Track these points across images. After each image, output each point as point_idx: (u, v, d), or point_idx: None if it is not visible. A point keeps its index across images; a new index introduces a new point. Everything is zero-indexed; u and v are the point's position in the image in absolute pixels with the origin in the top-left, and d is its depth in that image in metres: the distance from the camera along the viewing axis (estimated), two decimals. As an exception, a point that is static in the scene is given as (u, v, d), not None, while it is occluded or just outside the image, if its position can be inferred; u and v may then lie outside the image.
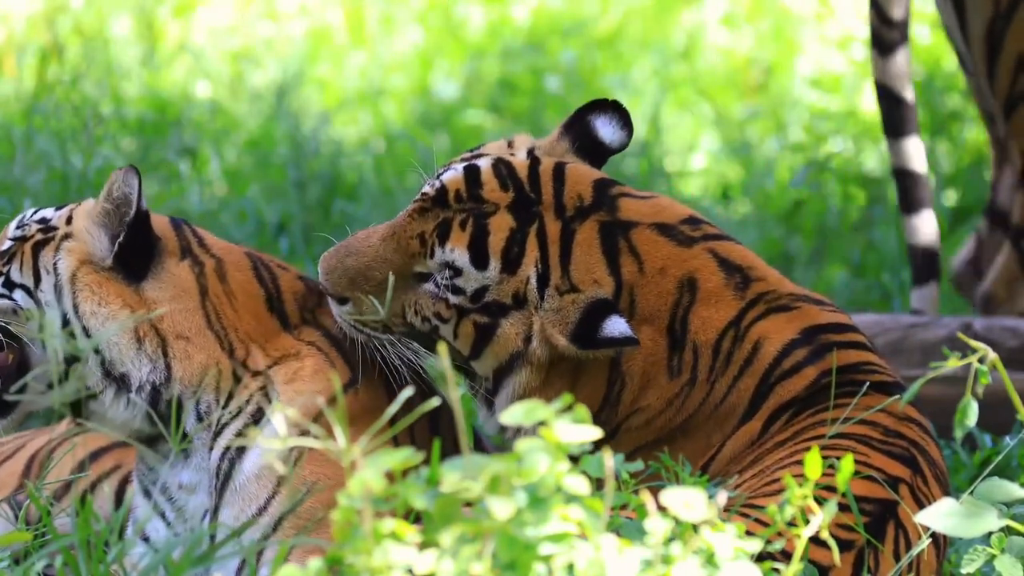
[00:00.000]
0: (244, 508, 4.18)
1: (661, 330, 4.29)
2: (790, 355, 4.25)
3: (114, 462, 4.68)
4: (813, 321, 4.30)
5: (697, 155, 10.51)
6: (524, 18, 12.71)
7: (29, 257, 4.27)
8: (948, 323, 6.00)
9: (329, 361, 4.27)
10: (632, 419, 4.28)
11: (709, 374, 4.27)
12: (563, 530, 2.93)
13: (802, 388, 4.21)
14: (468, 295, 4.27)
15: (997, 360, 3.42)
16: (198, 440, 4.25)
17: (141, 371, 4.21)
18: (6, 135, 8.33)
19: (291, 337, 4.31)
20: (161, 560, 3.61)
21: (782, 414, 4.21)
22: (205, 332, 4.25)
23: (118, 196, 4.23)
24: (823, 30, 10.62)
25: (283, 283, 4.37)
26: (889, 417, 4.15)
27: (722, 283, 4.32)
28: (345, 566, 2.96)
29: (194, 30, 11.96)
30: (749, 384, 4.24)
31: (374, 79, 11.84)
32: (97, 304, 4.21)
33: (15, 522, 4.54)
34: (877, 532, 3.92)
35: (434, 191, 4.33)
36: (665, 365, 4.28)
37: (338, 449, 3.05)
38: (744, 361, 4.25)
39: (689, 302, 4.30)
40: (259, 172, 9.18)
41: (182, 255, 4.30)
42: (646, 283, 4.30)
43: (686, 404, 4.26)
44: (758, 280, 4.34)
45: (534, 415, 3.00)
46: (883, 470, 4.01)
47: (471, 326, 4.28)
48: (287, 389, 4.22)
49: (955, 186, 9.72)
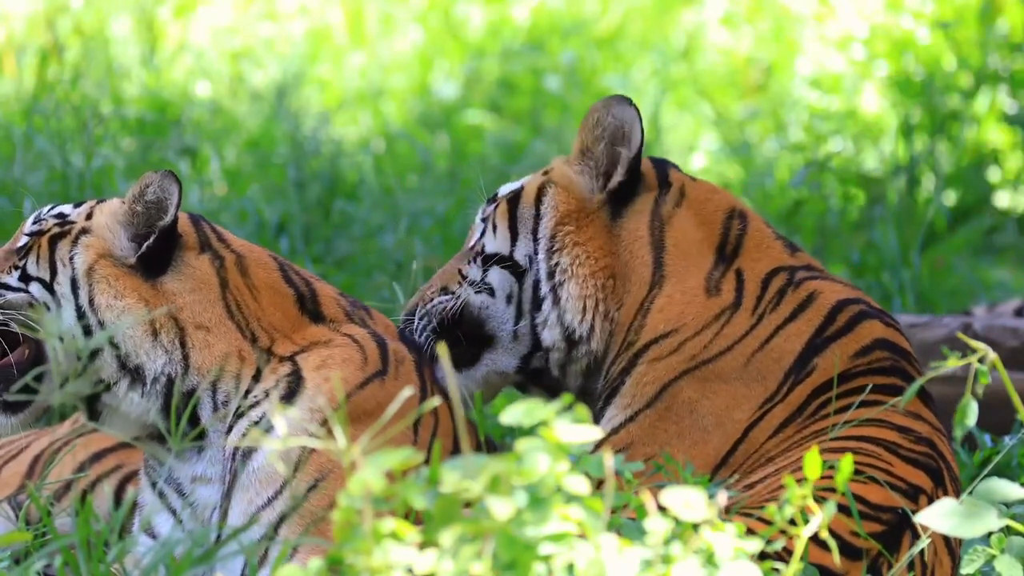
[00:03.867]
0: (260, 492, 4.17)
1: (711, 245, 4.25)
2: (845, 309, 4.17)
3: (115, 462, 4.68)
4: (866, 298, 4.24)
5: (697, 155, 10.51)
6: (524, 18, 12.71)
7: (46, 250, 4.29)
8: (948, 323, 6.00)
9: (363, 352, 4.27)
10: (663, 342, 4.17)
11: (756, 304, 4.16)
12: (563, 530, 2.93)
13: (855, 352, 4.12)
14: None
15: (997, 360, 3.42)
16: (214, 433, 4.24)
17: (156, 363, 4.23)
18: (6, 135, 8.33)
19: (324, 328, 4.31)
20: (163, 558, 3.61)
21: (829, 389, 4.09)
22: (226, 322, 4.27)
23: (152, 200, 4.24)
24: (823, 30, 10.61)
25: (319, 289, 4.37)
26: (924, 425, 4.09)
27: (770, 233, 4.29)
28: (345, 566, 2.96)
29: (194, 30, 11.95)
30: (802, 330, 4.14)
31: (374, 79, 11.84)
32: (113, 297, 4.23)
33: (17, 522, 4.54)
34: (893, 541, 3.87)
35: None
36: (704, 278, 4.21)
37: (338, 448, 3.05)
38: (798, 305, 4.16)
39: (740, 231, 4.26)
40: (259, 172, 9.18)
41: (201, 249, 4.32)
42: (695, 189, 4.32)
43: (726, 331, 4.13)
44: (803, 253, 4.31)
45: (534, 415, 3.00)
46: (905, 479, 3.95)
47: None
48: (314, 375, 4.22)
49: (955, 186, 9.72)
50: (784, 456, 4.01)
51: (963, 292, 8.20)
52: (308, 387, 4.20)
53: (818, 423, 4.06)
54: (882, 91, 10.02)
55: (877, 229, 8.29)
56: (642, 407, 4.13)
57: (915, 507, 3.91)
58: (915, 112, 9.71)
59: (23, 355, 4.25)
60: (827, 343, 4.12)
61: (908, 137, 9.36)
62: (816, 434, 4.03)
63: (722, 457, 4.04)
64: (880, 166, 9.59)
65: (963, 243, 8.95)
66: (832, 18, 10.54)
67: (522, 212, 4.32)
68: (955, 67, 9.92)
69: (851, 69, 10.24)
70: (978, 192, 9.78)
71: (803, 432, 4.05)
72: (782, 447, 4.04)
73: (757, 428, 4.06)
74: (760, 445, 4.06)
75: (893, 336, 4.17)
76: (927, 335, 5.96)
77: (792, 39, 11.80)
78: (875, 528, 3.83)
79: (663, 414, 4.10)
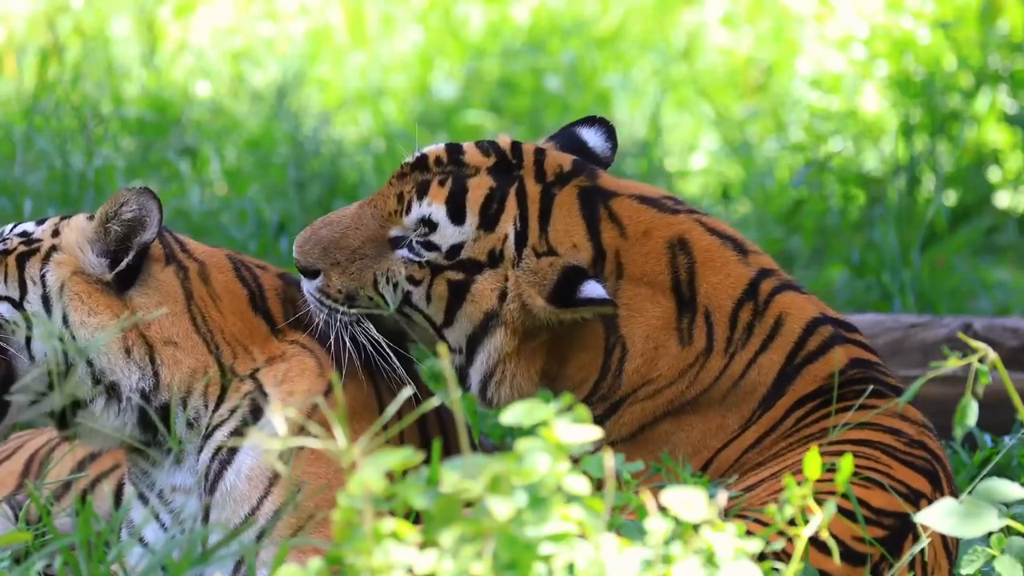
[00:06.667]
0: (236, 510, 4.17)
1: (663, 290, 4.20)
2: (815, 333, 4.16)
3: (113, 461, 4.68)
4: (826, 310, 4.25)
5: (697, 155, 10.50)
6: (524, 18, 12.71)
7: (14, 269, 4.26)
8: (948, 323, 6.00)
9: (315, 358, 4.27)
10: (639, 392, 4.17)
11: (727, 345, 4.16)
12: (563, 530, 2.93)
13: (828, 375, 4.13)
14: (443, 251, 4.22)
15: (997, 360, 3.42)
16: (189, 445, 4.24)
17: (131, 379, 4.21)
18: (6, 135, 8.32)
19: (275, 339, 4.31)
20: (160, 561, 3.60)
21: (808, 402, 4.11)
22: (192, 336, 4.25)
23: (130, 218, 4.22)
24: (823, 30, 10.60)
25: (264, 281, 4.37)
26: (912, 426, 4.10)
27: (717, 244, 4.24)
28: (345, 566, 2.96)
29: (194, 30, 11.95)
30: (774, 361, 4.15)
31: (374, 79, 11.84)
32: (87, 314, 4.21)
33: (15, 522, 4.54)
34: (895, 546, 3.86)
35: (414, 159, 4.31)
36: (674, 329, 4.18)
37: (335, 448, 3.05)
38: (767, 336, 4.16)
39: (689, 263, 4.21)
40: (259, 172, 9.18)
41: (167, 261, 4.30)
42: (630, 246, 4.22)
43: (701, 376, 4.15)
44: (755, 253, 4.28)
45: (534, 415, 3.00)
46: (905, 483, 3.94)
47: (444, 285, 4.21)
48: (278, 391, 4.22)
49: (955, 186, 9.72)
50: (768, 465, 4.03)
51: (963, 292, 8.19)
52: (273, 404, 4.20)
53: (799, 432, 4.07)
54: (882, 91, 10.01)
55: (877, 229, 8.29)
56: (618, 440, 4.17)
57: (916, 511, 3.89)
58: (915, 112, 9.70)
59: None
60: (798, 370, 4.15)
61: (908, 137, 9.36)
62: (801, 441, 4.05)
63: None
64: (880, 166, 9.58)
65: (963, 243, 8.94)
66: (832, 18, 10.54)
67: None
68: (955, 67, 9.92)
69: (851, 69, 10.23)
70: (978, 192, 9.78)
71: (782, 444, 4.07)
72: (758, 459, 4.06)
73: (729, 448, 4.10)
74: (735, 460, 4.09)
75: (861, 354, 4.20)
76: (927, 335, 5.96)
77: (792, 39, 11.79)
78: (878, 533, 3.83)
79: (641, 444, 4.14)
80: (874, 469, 3.92)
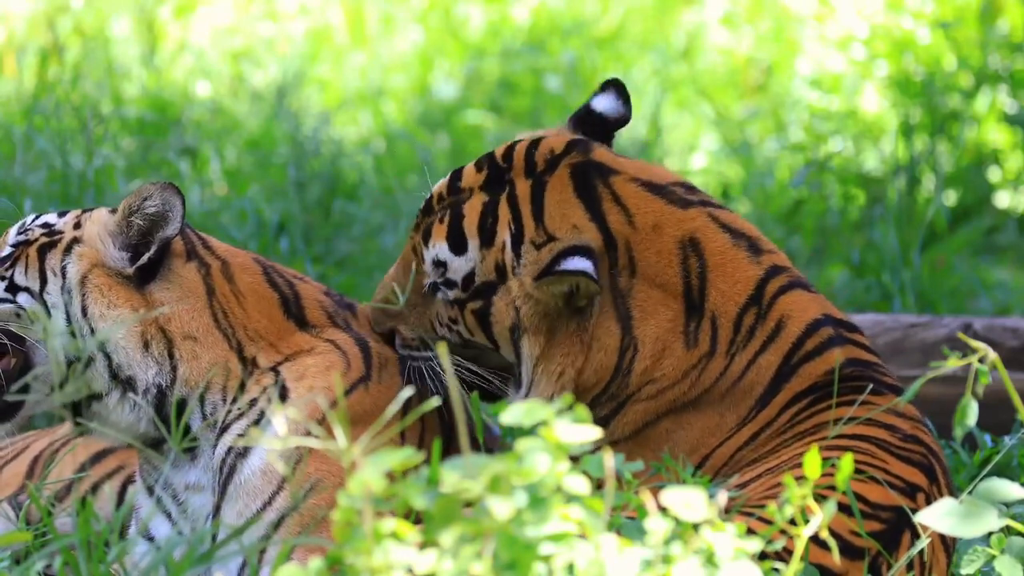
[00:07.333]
0: (248, 504, 4.17)
1: (675, 295, 4.17)
2: (814, 335, 4.17)
3: (117, 463, 4.68)
4: (831, 310, 4.25)
5: (697, 155, 10.51)
6: (524, 18, 12.71)
7: (35, 260, 4.26)
8: (948, 323, 6.00)
9: (346, 359, 4.26)
10: (643, 391, 4.17)
11: (729, 347, 4.16)
12: (563, 530, 2.93)
13: (823, 372, 4.14)
14: (460, 285, 4.23)
15: (997, 360, 3.42)
16: (204, 440, 4.24)
17: (147, 373, 4.21)
18: (6, 135, 8.32)
19: (307, 335, 4.30)
20: (163, 559, 3.60)
21: (803, 399, 4.13)
22: (213, 331, 4.25)
23: (153, 212, 4.22)
24: (823, 30, 10.60)
25: (303, 291, 4.36)
26: (906, 421, 4.11)
27: (729, 244, 4.22)
28: (346, 566, 2.96)
29: (194, 30, 11.95)
30: (772, 362, 4.15)
31: (374, 79, 11.84)
32: (106, 307, 4.21)
33: (17, 522, 4.54)
34: (892, 540, 3.87)
35: (423, 204, 4.32)
36: (681, 332, 4.17)
37: (338, 448, 3.05)
38: (767, 337, 4.16)
39: (701, 267, 4.18)
40: (259, 172, 9.18)
41: (188, 257, 4.30)
42: (640, 239, 4.19)
43: (702, 377, 4.15)
44: (769, 252, 4.26)
45: (534, 415, 3.00)
46: (902, 477, 3.95)
47: (472, 317, 4.24)
48: (297, 386, 4.21)
49: (955, 186, 9.72)
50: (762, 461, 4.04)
51: (963, 292, 8.19)
52: (292, 399, 4.20)
53: (793, 428, 4.08)
54: (882, 91, 10.01)
55: (877, 229, 8.29)
56: (620, 439, 4.18)
57: (913, 505, 3.91)
58: (915, 112, 9.70)
59: (10, 364, 4.24)
60: (795, 369, 4.15)
61: (908, 137, 9.36)
62: (795, 438, 4.05)
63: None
64: (880, 166, 9.58)
65: (963, 243, 8.95)
66: (832, 18, 10.54)
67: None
68: (955, 67, 9.92)
69: (851, 69, 10.23)
70: (978, 192, 9.78)
71: (776, 440, 4.08)
72: (753, 456, 4.07)
73: (724, 445, 4.10)
74: (729, 457, 4.10)
75: (858, 353, 4.20)
76: (927, 335, 5.96)
77: (792, 39, 11.80)
78: (875, 527, 3.83)
79: (641, 442, 4.14)
80: (870, 464, 3.92)
